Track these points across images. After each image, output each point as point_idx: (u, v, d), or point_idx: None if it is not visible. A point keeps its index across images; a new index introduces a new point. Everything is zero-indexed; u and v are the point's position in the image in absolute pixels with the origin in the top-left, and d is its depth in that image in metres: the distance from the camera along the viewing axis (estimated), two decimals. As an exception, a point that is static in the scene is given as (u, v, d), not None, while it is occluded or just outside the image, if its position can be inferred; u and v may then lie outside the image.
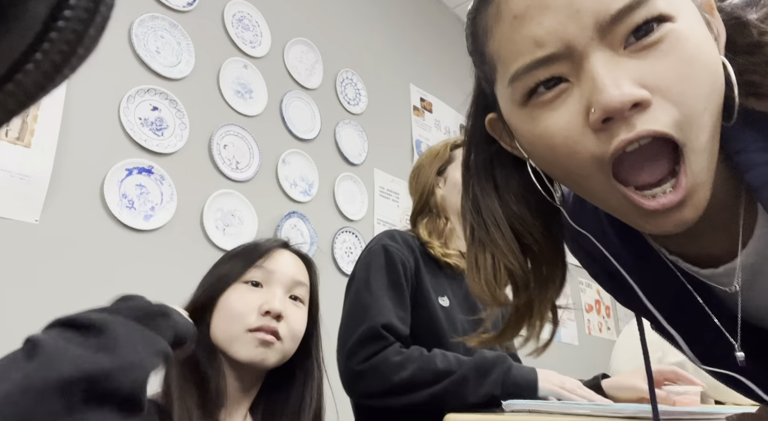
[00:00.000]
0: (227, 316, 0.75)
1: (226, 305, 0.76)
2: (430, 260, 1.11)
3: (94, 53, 0.21)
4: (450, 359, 0.95)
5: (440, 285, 1.09)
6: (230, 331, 0.74)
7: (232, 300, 0.76)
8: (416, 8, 2.88)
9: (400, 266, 1.04)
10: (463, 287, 1.13)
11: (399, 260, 1.04)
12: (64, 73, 0.20)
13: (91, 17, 0.20)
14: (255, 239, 0.84)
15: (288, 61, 2.04)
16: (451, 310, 1.06)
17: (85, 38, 0.20)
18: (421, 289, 1.05)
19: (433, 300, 1.05)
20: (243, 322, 0.74)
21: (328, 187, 2.07)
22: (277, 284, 0.79)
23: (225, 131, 1.74)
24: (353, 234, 2.10)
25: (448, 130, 2.85)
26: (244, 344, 0.73)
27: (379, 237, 1.11)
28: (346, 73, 2.31)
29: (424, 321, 1.03)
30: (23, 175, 1.25)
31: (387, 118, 2.47)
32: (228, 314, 0.75)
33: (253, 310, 0.75)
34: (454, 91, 3.00)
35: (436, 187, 1.16)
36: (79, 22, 0.19)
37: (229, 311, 0.75)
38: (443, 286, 1.09)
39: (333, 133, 2.16)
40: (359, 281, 1.06)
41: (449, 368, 0.93)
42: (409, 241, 1.10)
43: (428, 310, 1.03)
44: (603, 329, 3.93)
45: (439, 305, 1.05)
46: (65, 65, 0.20)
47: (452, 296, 1.09)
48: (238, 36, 1.88)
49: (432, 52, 2.91)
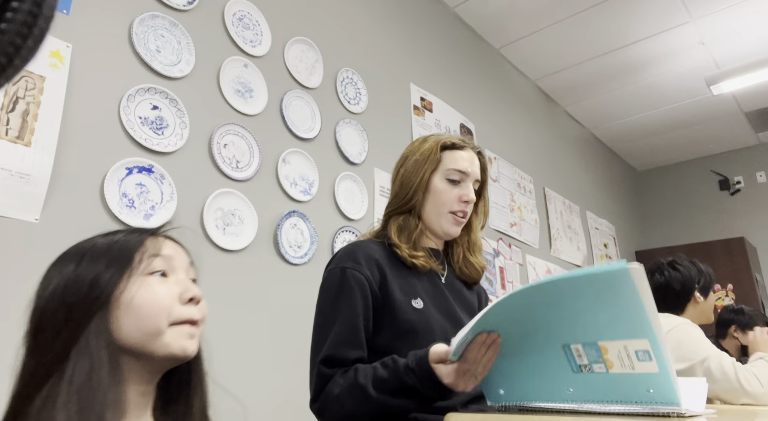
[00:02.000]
0: (141, 313, 0.68)
1: (134, 302, 0.68)
2: (400, 262, 1.11)
3: (30, 63, 0.22)
4: (368, 369, 0.96)
5: (412, 287, 1.08)
6: (150, 327, 0.68)
7: (143, 294, 0.69)
8: (416, 8, 2.88)
9: (356, 287, 1.03)
10: (436, 284, 1.13)
11: (356, 282, 1.03)
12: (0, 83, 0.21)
13: (29, 31, 0.20)
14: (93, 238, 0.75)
15: (288, 61, 2.04)
16: (426, 310, 1.06)
17: (22, 50, 0.20)
18: (390, 299, 1.04)
19: (404, 306, 1.04)
20: (165, 315, 0.69)
21: (329, 187, 2.07)
22: (179, 269, 0.74)
23: (225, 130, 1.74)
24: (353, 233, 2.10)
25: (449, 129, 2.85)
26: (173, 337, 0.69)
27: (339, 256, 1.09)
28: (346, 72, 2.30)
29: (398, 329, 1.03)
30: (23, 174, 1.25)
31: (387, 118, 2.47)
32: (141, 310, 0.69)
33: (174, 300, 0.71)
34: (455, 90, 3.00)
35: (421, 190, 1.15)
36: (17, 36, 0.20)
37: (143, 307, 0.69)
38: (415, 288, 1.08)
39: (333, 133, 2.16)
40: (316, 311, 1.07)
41: (366, 377, 0.95)
42: (372, 253, 1.08)
43: (401, 317, 1.03)
44: (603, 328, 3.93)
45: (412, 309, 1.05)
46: (1, 75, 0.21)
47: (426, 296, 1.08)
48: (239, 35, 1.88)
49: (432, 52, 2.91)
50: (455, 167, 1.14)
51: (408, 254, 1.10)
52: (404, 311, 1.04)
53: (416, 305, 1.06)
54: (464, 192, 1.13)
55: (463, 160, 1.15)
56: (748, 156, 4.99)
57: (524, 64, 3.76)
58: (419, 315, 1.04)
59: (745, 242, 4.43)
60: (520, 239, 3.27)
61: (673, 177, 5.33)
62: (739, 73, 3.56)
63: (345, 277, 1.05)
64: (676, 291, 1.97)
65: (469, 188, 1.14)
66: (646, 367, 0.60)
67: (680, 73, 3.87)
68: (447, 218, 1.13)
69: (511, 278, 3.06)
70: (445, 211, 1.13)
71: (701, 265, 2.01)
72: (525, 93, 3.84)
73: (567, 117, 4.40)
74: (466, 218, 1.15)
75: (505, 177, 3.31)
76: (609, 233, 4.53)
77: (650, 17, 3.29)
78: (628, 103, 4.27)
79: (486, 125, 3.23)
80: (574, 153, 4.36)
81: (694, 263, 2.00)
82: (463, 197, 1.13)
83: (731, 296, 4.30)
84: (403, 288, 1.07)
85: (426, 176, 1.14)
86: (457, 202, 1.13)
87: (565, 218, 3.90)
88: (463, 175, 1.14)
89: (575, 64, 3.76)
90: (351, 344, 1.00)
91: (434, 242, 1.18)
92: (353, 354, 1.00)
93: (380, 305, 1.05)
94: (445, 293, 1.12)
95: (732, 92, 4.04)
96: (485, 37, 3.41)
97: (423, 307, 1.06)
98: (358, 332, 1.01)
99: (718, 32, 3.44)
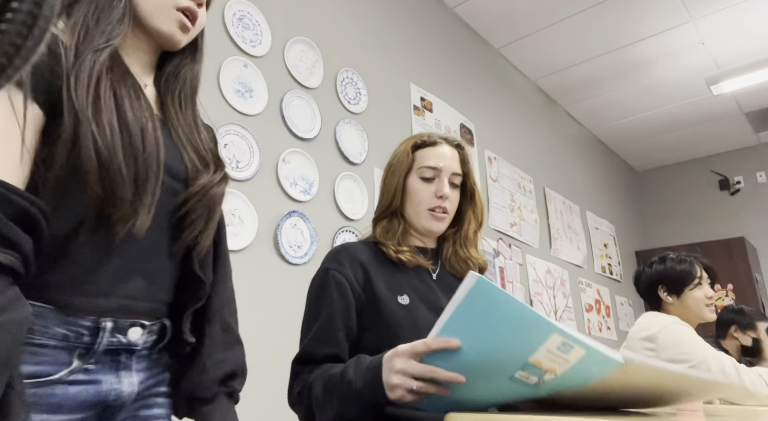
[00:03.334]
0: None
1: None
2: (387, 260, 1.13)
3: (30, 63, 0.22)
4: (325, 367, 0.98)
5: (398, 284, 1.09)
6: (156, 3, 0.77)
7: None
8: (416, 7, 2.88)
9: (336, 288, 1.06)
10: (425, 280, 1.13)
11: (336, 283, 1.06)
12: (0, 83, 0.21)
13: (29, 31, 0.20)
14: None
15: (288, 61, 2.04)
16: (412, 307, 1.07)
17: (22, 50, 0.20)
18: (375, 297, 1.06)
19: (389, 303, 1.05)
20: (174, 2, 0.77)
21: (329, 187, 2.07)
22: None
23: (225, 130, 1.74)
24: (353, 233, 2.10)
25: (449, 129, 2.85)
26: (167, 19, 0.77)
27: (325, 258, 1.14)
28: (346, 72, 2.30)
29: (384, 326, 1.04)
30: (23, 174, 1.25)
31: (387, 118, 2.47)
32: None
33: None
34: (455, 90, 3.00)
35: (399, 193, 1.18)
36: (17, 36, 0.20)
37: None
38: (401, 284, 1.09)
39: (333, 133, 2.16)
40: (304, 313, 1.10)
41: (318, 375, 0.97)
42: (357, 254, 1.11)
43: (386, 313, 1.04)
44: (603, 328, 3.93)
45: (397, 305, 1.06)
46: (1, 75, 0.21)
47: (413, 292, 1.09)
48: (239, 35, 1.88)
49: (432, 52, 2.91)
50: (426, 164, 1.16)
51: (394, 249, 1.12)
52: (389, 307, 1.05)
53: (402, 301, 1.07)
54: (438, 188, 1.14)
55: (434, 156, 1.17)
56: (748, 156, 4.99)
57: (524, 64, 3.76)
58: (405, 311, 1.05)
59: (745, 242, 4.43)
60: (520, 239, 3.27)
61: (673, 177, 5.33)
62: (739, 73, 3.56)
63: (326, 278, 1.08)
64: (643, 291, 1.96)
65: (443, 183, 1.14)
66: (575, 354, 0.61)
67: (680, 73, 3.88)
68: (425, 216, 1.14)
69: (511, 277, 3.06)
70: (422, 209, 1.14)
71: (676, 260, 1.91)
72: (525, 93, 3.84)
73: (567, 117, 4.40)
74: (446, 212, 1.15)
75: (505, 177, 3.31)
76: (609, 232, 4.53)
77: (650, 17, 3.29)
78: (628, 103, 4.27)
79: (486, 125, 3.23)
80: (574, 153, 4.37)
81: (665, 259, 1.92)
82: (437, 193, 1.13)
83: (731, 296, 4.30)
84: (388, 285, 1.08)
85: (402, 179, 1.17)
86: (433, 199, 1.14)
87: (565, 218, 3.90)
88: (435, 171, 1.15)
89: (575, 64, 3.76)
90: (324, 341, 1.02)
91: (422, 240, 1.19)
92: (324, 351, 1.02)
93: (364, 303, 1.06)
94: (435, 289, 1.12)
95: (732, 92, 4.04)
96: (485, 37, 3.41)
97: (409, 303, 1.07)
98: (334, 331, 1.03)
99: (718, 32, 3.44)
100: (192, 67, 0.86)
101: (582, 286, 3.86)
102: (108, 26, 0.71)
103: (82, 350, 0.68)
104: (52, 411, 0.65)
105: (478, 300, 0.66)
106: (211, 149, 0.84)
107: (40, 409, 0.63)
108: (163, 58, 0.84)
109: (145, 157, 0.68)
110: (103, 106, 0.66)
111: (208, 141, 0.85)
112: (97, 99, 0.66)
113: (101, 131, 0.65)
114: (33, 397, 0.63)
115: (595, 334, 3.79)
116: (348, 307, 1.05)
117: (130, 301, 0.71)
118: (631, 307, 4.50)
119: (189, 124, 0.82)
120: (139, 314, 0.73)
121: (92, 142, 0.64)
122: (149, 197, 0.69)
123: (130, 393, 0.73)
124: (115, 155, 0.65)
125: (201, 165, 0.80)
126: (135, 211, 0.67)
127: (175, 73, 0.84)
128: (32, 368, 0.64)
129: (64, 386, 0.66)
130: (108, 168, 0.64)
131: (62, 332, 0.66)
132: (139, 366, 0.75)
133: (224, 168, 0.84)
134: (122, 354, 0.72)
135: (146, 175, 0.68)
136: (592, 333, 3.75)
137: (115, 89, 0.69)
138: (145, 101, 0.73)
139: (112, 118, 0.67)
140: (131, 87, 0.72)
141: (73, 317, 0.67)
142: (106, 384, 0.70)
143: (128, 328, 0.71)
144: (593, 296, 3.96)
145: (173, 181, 0.76)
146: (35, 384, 0.64)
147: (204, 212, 0.79)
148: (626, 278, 4.57)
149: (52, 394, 0.65)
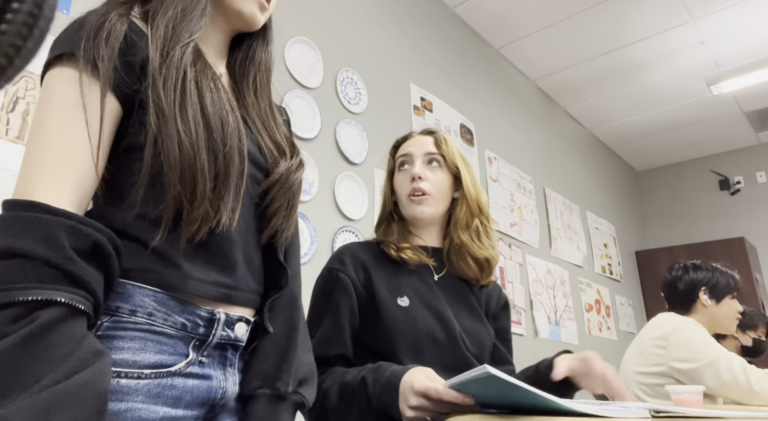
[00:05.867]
0: None
1: None
2: (388, 261, 1.13)
3: (30, 63, 0.22)
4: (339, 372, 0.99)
5: (399, 285, 1.09)
6: None
7: None
8: (416, 8, 2.88)
9: (340, 287, 1.07)
10: (427, 281, 1.13)
11: (340, 282, 1.07)
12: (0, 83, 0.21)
13: (30, 32, 0.20)
14: None
15: (288, 61, 2.04)
16: (412, 309, 1.07)
17: (23, 51, 0.20)
18: (375, 298, 1.06)
19: (389, 304, 1.06)
20: None
21: (329, 187, 2.07)
22: None
23: (225, 130, 1.74)
24: (353, 233, 2.10)
25: (449, 129, 2.85)
26: (250, 2, 0.77)
27: (329, 259, 1.15)
28: (346, 72, 2.30)
29: (383, 327, 1.05)
30: (23, 174, 1.25)
31: (387, 118, 2.47)
32: None
33: None
34: (455, 90, 3.00)
35: (391, 196, 1.22)
36: (17, 36, 0.20)
37: None
38: (402, 286, 1.09)
39: (333, 133, 2.16)
40: (308, 312, 1.11)
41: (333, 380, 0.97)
42: (358, 254, 1.12)
43: (385, 315, 1.05)
44: (603, 328, 3.93)
45: (397, 307, 1.06)
46: (1, 76, 0.21)
47: (413, 293, 1.09)
48: (239, 35, 1.87)
49: (432, 52, 2.91)
50: (399, 155, 1.21)
51: (395, 247, 1.12)
52: (389, 309, 1.05)
53: (401, 303, 1.07)
54: (411, 170, 1.16)
55: (405, 147, 1.21)
56: (748, 156, 4.99)
57: (524, 64, 3.76)
58: (404, 313, 1.05)
59: (745, 242, 4.43)
60: (520, 239, 3.27)
61: (673, 177, 5.33)
62: (739, 73, 3.56)
63: (330, 278, 1.09)
64: (680, 290, 1.97)
65: (415, 166, 1.16)
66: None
67: (680, 73, 3.88)
68: (407, 203, 1.15)
69: (511, 278, 3.06)
70: (404, 197, 1.16)
71: (723, 270, 1.97)
72: (525, 93, 3.84)
73: (567, 117, 4.40)
74: (426, 193, 1.13)
75: (505, 177, 3.31)
76: (609, 232, 4.53)
77: (650, 17, 3.29)
78: (628, 103, 4.27)
79: (486, 125, 3.23)
80: (574, 153, 4.37)
81: (715, 268, 1.98)
82: (411, 176, 1.15)
83: (731, 296, 4.30)
84: (389, 286, 1.08)
85: (389, 180, 1.23)
86: (409, 184, 1.15)
87: (565, 218, 3.90)
88: (406, 157, 1.19)
89: (575, 64, 3.76)
90: (333, 342, 1.04)
91: (423, 239, 1.18)
92: (333, 351, 1.03)
93: (365, 303, 1.07)
94: (436, 291, 1.12)
95: (732, 92, 4.04)
96: (485, 37, 3.41)
97: (408, 305, 1.07)
98: (341, 331, 1.04)
99: (718, 32, 3.44)
100: (266, 49, 0.85)
101: (582, 286, 3.86)
102: (192, 19, 0.71)
103: (197, 341, 0.66)
104: (173, 404, 0.62)
105: (488, 382, 0.67)
106: (286, 135, 0.83)
107: (161, 401, 0.61)
108: (233, 44, 0.83)
109: (226, 153, 0.66)
110: (189, 102, 0.65)
111: (282, 126, 0.84)
112: (183, 94, 0.65)
113: (186, 127, 0.63)
114: (156, 388, 0.60)
115: (595, 334, 3.79)
116: (352, 306, 1.06)
117: (232, 291, 0.70)
118: (631, 307, 4.50)
119: (265, 111, 0.81)
120: (241, 305, 0.71)
121: (177, 139, 0.62)
122: (231, 193, 0.67)
123: (232, 393, 0.70)
124: (198, 152, 0.63)
125: (278, 152, 0.79)
126: (217, 209, 0.65)
127: (250, 56, 0.83)
128: (154, 358, 0.61)
129: (183, 379, 0.64)
130: (191, 165, 0.63)
131: (182, 321, 0.64)
132: (239, 365, 0.73)
133: (299, 154, 0.83)
134: (229, 350, 0.70)
135: (227, 171, 0.66)
136: (592, 333, 3.75)
137: (198, 83, 0.68)
138: (225, 93, 0.72)
139: (197, 113, 0.65)
140: (211, 79, 0.70)
141: (192, 307, 0.65)
142: (216, 381, 0.68)
143: (236, 322, 0.70)
144: (593, 296, 3.96)
145: (256, 171, 0.75)
146: (157, 374, 0.61)
147: (286, 200, 0.77)
148: (626, 278, 4.57)
149: (173, 385, 0.62)
